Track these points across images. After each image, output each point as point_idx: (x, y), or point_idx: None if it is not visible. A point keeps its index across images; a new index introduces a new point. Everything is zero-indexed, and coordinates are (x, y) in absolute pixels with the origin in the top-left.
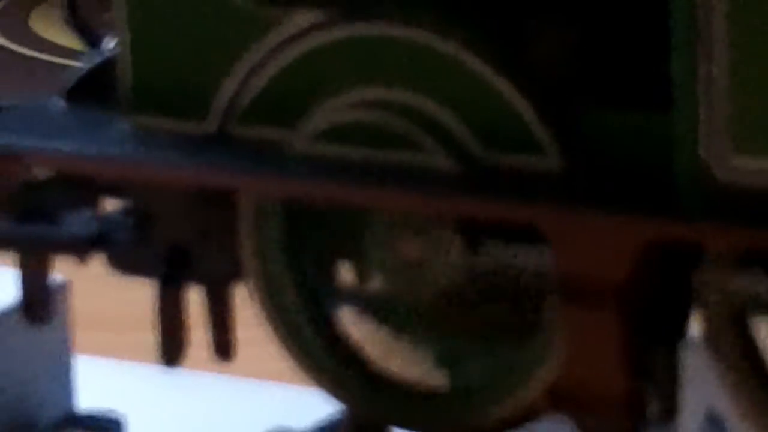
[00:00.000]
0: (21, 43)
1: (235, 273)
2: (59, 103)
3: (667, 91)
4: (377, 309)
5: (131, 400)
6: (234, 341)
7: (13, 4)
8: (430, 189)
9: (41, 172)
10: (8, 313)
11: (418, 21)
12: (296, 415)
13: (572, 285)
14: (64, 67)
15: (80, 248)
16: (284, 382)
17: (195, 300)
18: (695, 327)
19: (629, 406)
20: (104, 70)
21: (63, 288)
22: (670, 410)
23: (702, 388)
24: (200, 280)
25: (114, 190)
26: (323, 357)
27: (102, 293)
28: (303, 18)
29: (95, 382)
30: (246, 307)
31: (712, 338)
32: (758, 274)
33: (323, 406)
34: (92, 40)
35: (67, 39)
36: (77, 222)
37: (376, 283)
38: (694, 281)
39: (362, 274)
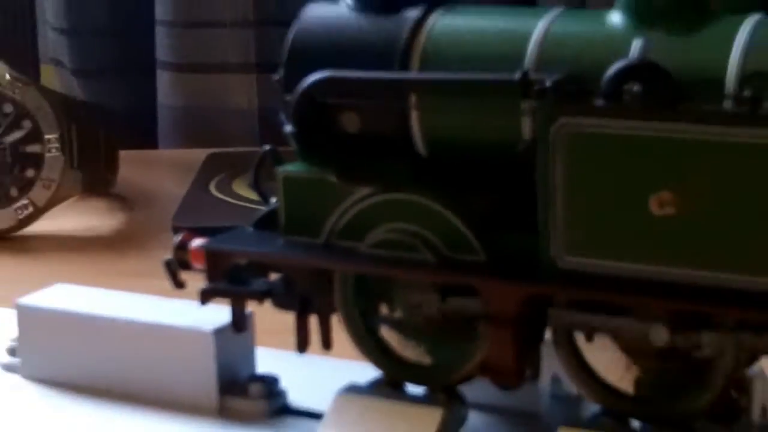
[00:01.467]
0: (227, 196)
1: (332, 309)
2: (250, 230)
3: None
4: (398, 326)
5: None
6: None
7: (226, 176)
8: (420, 269)
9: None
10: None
11: (418, 191)
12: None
13: (491, 315)
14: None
15: (259, 296)
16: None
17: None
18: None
19: (519, 373)
20: (272, 213)
21: (250, 316)
22: (535, 375)
23: (551, 362)
24: (316, 312)
25: (274, 269)
26: (372, 348)
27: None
28: (364, 189)
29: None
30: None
31: (556, 342)
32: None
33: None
34: (265, 198)
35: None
36: (258, 284)
37: (397, 314)
38: (550, 314)
39: (391, 310)
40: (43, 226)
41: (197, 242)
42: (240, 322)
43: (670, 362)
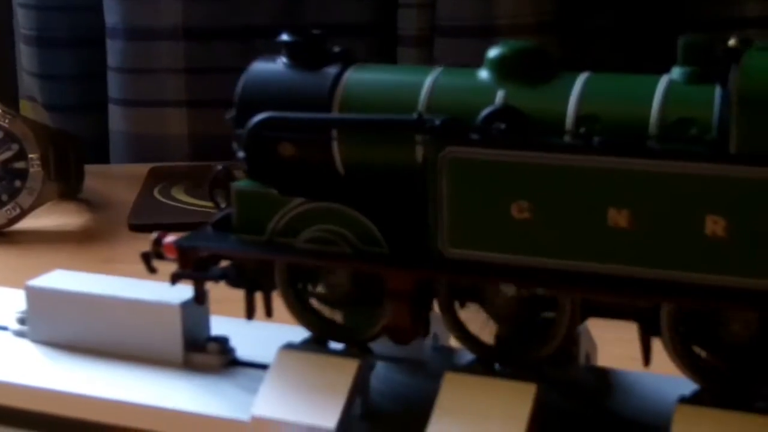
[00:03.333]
0: (168, 199)
1: (273, 287)
2: (209, 230)
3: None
4: (322, 299)
5: None
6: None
7: (166, 184)
8: (341, 259)
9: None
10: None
11: (338, 200)
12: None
13: (394, 292)
14: (187, 210)
15: (216, 279)
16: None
17: None
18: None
19: (412, 333)
20: (226, 217)
21: (207, 292)
22: (426, 334)
23: (435, 324)
24: (261, 290)
25: (229, 259)
26: (303, 315)
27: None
28: (297, 200)
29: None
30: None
31: (441, 310)
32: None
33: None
34: (217, 204)
35: (187, 199)
36: (215, 270)
37: (321, 290)
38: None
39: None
40: (27, 224)
41: (169, 239)
42: (200, 297)
43: (522, 321)
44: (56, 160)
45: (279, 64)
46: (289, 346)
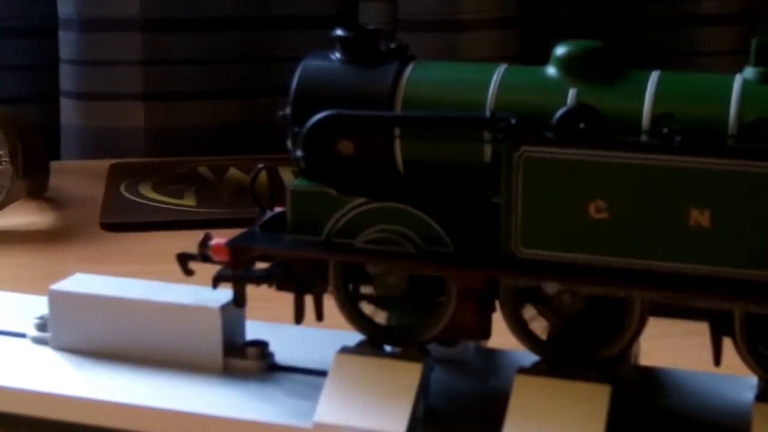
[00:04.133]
0: (138, 197)
1: (325, 290)
2: (258, 230)
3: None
4: (378, 301)
5: None
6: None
7: (131, 182)
8: (405, 260)
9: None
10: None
11: (401, 200)
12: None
13: (462, 292)
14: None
15: (263, 281)
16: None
17: None
18: None
19: (481, 333)
20: (275, 218)
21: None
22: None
23: None
24: (312, 293)
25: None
26: (357, 317)
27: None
28: (357, 199)
29: None
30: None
31: (504, 311)
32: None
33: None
34: (259, 204)
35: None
36: (259, 271)
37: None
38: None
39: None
40: None
41: (218, 240)
42: (241, 300)
43: (587, 321)
44: (24, 156)
45: (334, 59)
46: (346, 350)
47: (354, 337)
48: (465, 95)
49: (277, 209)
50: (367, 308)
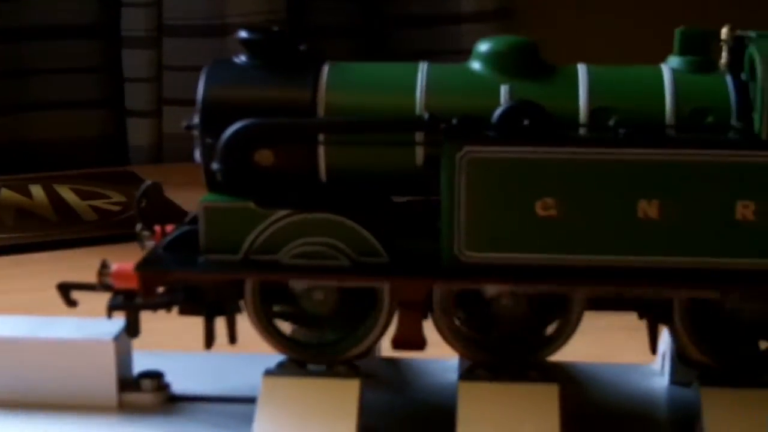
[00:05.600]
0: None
1: (238, 311)
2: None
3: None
4: (301, 319)
5: None
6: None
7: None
8: (338, 273)
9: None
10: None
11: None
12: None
13: (405, 303)
14: None
15: (165, 306)
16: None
17: None
18: None
19: (423, 343)
20: (182, 237)
21: None
22: None
23: None
24: (223, 315)
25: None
26: (277, 337)
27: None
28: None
29: None
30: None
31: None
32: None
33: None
34: (147, 224)
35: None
36: (159, 296)
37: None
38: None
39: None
40: None
41: (120, 265)
42: (134, 329)
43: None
44: None
45: (242, 64)
46: (273, 373)
47: (250, 359)
48: (392, 98)
49: (169, 228)
50: (286, 327)
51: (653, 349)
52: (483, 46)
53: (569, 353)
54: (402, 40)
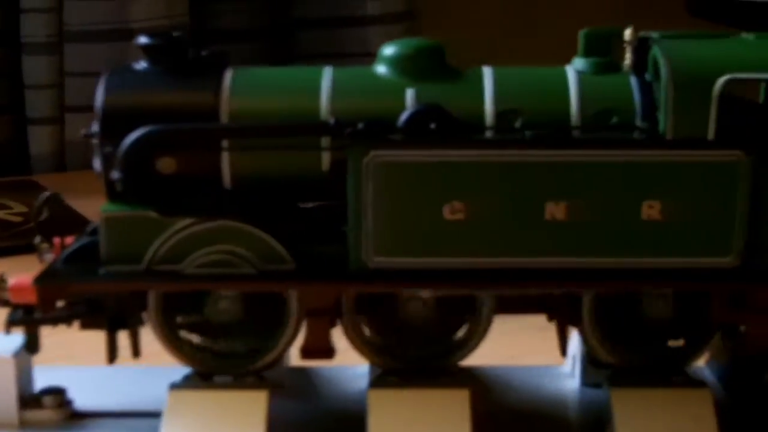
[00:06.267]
0: None
1: (141, 324)
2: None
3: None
4: (206, 329)
5: None
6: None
7: None
8: (243, 281)
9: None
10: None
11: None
12: None
13: (313, 311)
14: None
15: (66, 320)
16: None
17: None
18: None
19: (333, 352)
20: (81, 249)
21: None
22: None
23: None
24: (126, 328)
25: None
26: (182, 349)
27: None
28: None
29: None
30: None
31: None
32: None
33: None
34: (45, 235)
35: None
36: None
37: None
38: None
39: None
40: None
41: (18, 279)
42: (34, 345)
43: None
44: None
45: (142, 70)
46: (178, 386)
47: (155, 372)
48: (297, 102)
49: (69, 240)
50: (192, 338)
51: (563, 351)
52: (388, 50)
53: (481, 357)
54: (308, 42)
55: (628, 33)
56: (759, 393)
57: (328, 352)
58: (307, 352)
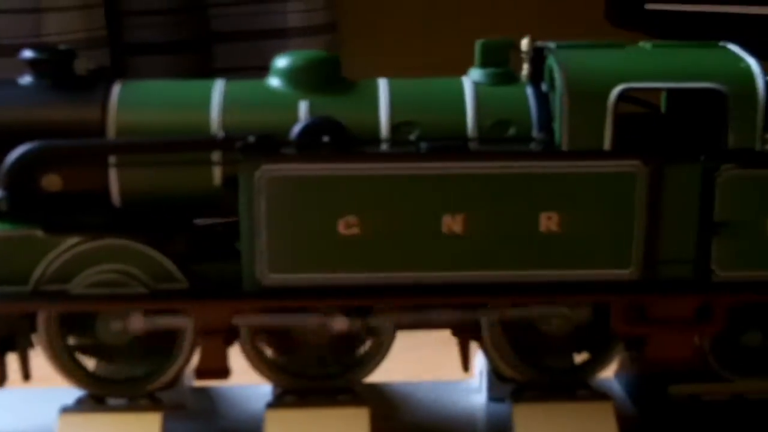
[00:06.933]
0: None
1: (31, 346)
2: None
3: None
4: (99, 352)
5: None
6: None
7: None
8: (134, 300)
9: None
10: None
11: (120, 235)
12: None
13: (207, 331)
14: None
15: None
16: None
17: None
18: None
19: (228, 371)
20: None
21: None
22: None
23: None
24: (15, 350)
25: None
26: (74, 372)
27: None
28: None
29: None
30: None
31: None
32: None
33: None
34: None
35: None
36: None
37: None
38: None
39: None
40: None
41: None
42: None
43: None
44: None
45: (25, 85)
46: (69, 409)
47: (46, 395)
48: (186, 116)
49: None
50: (84, 360)
51: (465, 366)
52: (281, 62)
53: (388, 373)
54: (229, 55)
55: (524, 43)
56: (663, 405)
57: (223, 372)
58: (201, 373)
